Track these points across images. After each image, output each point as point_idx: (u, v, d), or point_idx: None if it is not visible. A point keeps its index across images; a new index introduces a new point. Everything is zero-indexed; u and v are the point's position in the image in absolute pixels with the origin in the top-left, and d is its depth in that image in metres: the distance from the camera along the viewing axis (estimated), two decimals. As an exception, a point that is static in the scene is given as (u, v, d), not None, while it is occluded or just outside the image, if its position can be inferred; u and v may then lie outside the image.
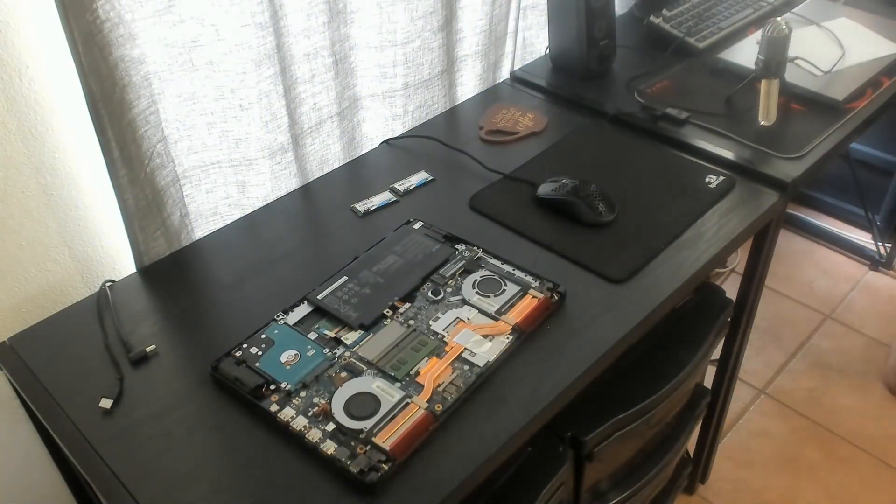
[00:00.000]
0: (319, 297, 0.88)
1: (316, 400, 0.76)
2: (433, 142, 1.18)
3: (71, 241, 0.94)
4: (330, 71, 1.08)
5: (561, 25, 1.32)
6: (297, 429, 0.73)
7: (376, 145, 1.20)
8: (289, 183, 1.11)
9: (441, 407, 0.75)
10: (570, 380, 0.80)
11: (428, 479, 0.71)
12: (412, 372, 0.78)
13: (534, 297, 0.87)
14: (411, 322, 0.84)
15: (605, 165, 1.10)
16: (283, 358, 0.80)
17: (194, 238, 1.03)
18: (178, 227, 0.99)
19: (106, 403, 0.79)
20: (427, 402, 0.75)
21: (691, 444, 1.43)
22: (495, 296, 0.88)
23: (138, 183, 0.90)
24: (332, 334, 0.83)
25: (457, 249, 0.94)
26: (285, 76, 1.01)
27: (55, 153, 0.88)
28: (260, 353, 0.81)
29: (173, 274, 0.96)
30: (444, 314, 0.85)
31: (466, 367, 0.79)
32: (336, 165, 1.17)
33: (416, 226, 0.98)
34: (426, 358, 0.80)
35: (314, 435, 0.73)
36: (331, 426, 0.73)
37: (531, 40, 1.45)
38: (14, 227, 0.88)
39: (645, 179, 1.08)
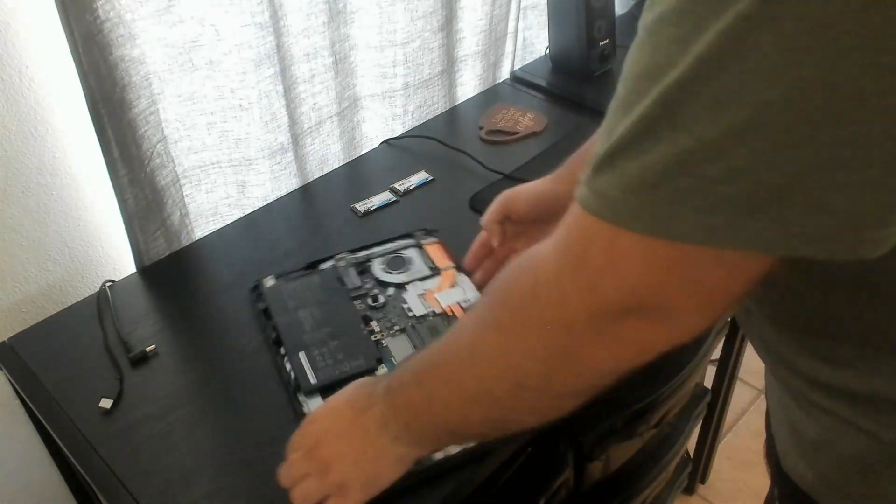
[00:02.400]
0: (317, 380, 0.78)
1: None
2: (433, 142, 1.18)
3: (71, 241, 0.94)
4: (330, 71, 1.08)
5: (561, 25, 1.32)
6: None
7: (376, 145, 1.20)
8: (289, 183, 1.11)
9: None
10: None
11: (429, 479, 0.71)
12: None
13: (427, 244, 0.93)
14: (400, 324, 0.84)
15: (605, 165, 1.10)
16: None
17: (194, 238, 1.03)
18: (178, 227, 0.99)
19: (106, 403, 0.79)
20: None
21: (691, 444, 1.43)
22: (408, 268, 0.91)
23: (138, 183, 0.90)
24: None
25: (327, 267, 0.92)
26: (285, 76, 1.01)
27: (55, 153, 0.88)
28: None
29: (173, 274, 0.96)
30: (407, 299, 0.87)
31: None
32: (336, 165, 1.17)
33: (269, 283, 0.91)
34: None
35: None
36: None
37: (531, 40, 1.45)
38: (14, 227, 0.88)
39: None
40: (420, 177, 1.11)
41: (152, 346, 0.85)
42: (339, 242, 1.00)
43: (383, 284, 0.89)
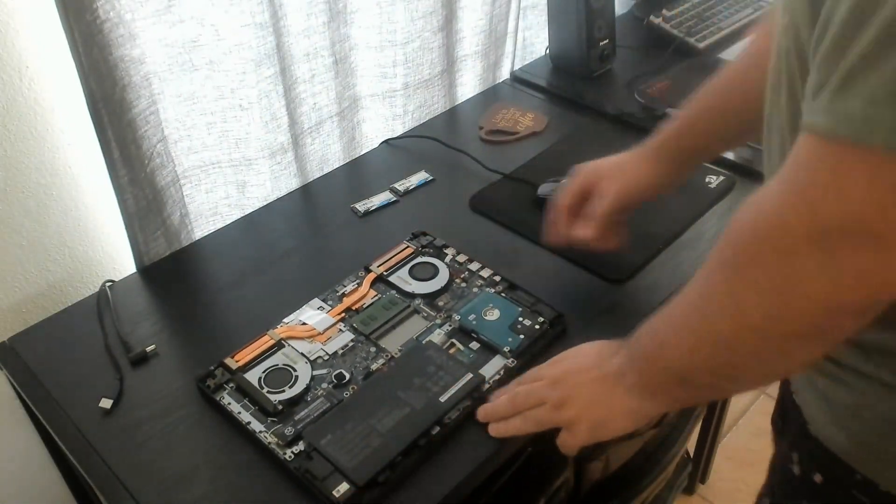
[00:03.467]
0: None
1: None
2: (433, 142, 1.18)
3: (71, 241, 0.94)
4: (330, 71, 1.08)
5: (561, 25, 1.32)
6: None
7: (376, 145, 1.20)
8: (289, 183, 1.11)
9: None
10: (570, 380, 0.80)
11: (428, 479, 0.71)
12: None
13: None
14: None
15: (606, 165, 1.10)
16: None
17: (194, 238, 1.03)
18: (178, 227, 0.99)
19: (106, 403, 0.79)
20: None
21: (691, 444, 1.43)
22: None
23: (138, 183, 0.90)
24: None
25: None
26: (285, 76, 1.01)
27: (55, 153, 0.88)
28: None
29: (173, 274, 0.96)
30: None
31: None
32: (336, 165, 1.17)
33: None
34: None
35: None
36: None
37: (531, 40, 1.45)
38: (14, 227, 0.88)
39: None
40: (420, 177, 1.11)
41: (152, 346, 0.85)
42: (340, 242, 1.00)
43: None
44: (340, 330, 0.85)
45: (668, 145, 0.82)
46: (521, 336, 0.82)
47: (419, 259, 0.93)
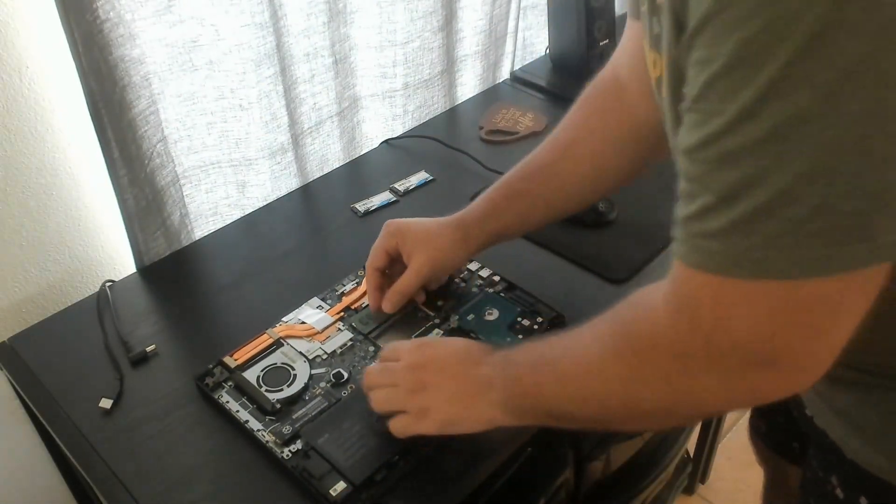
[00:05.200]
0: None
1: None
2: (433, 142, 1.18)
3: (71, 241, 0.94)
4: (330, 71, 1.08)
5: (561, 25, 1.32)
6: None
7: (376, 145, 1.20)
8: (289, 183, 1.11)
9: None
10: (569, 380, 0.80)
11: (426, 479, 0.71)
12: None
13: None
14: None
15: (605, 165, 1.10)
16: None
17: (194, 238, 1.03)
18: (178, 227, 0.99)
19: (106, 403, 0.79)
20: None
21: (691, 444, 1.43)
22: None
23: (138, 183, 0.90)
24: None
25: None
26: (285, 76, 1.01)
27: (55, 153, 0.88)
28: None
29: (173, 274, 0.96)
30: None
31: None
32: (336, 165, 1.17)
33: None
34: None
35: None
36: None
37: (531, 40, 1.45)
38: (14, 227, 0.88)
39: (645, 178, 1.07)
40: (420, 177, 1.11)
41: (152, 346, 0.85)
42: (340, 242, 1.00)
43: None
44: (339, 329, 0.85)
45: (476, 226, 0.81)
46: (521, 336, 0.82)
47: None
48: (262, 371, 0.79)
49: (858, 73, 0.34)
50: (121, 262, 1.00)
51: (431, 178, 1.11)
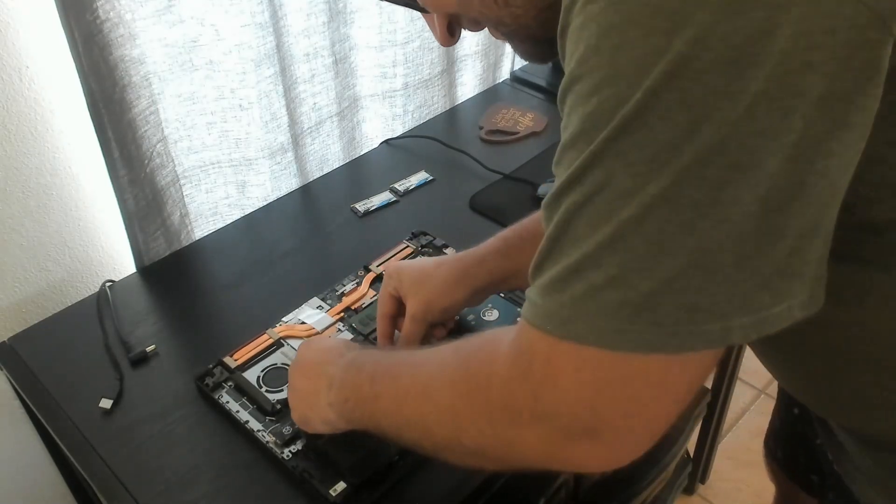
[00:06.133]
0: None
1: None
2: (433, 142, 1.18)
3: (71, 241, 0.94)
4: (330, 71, 1.08)
5: (561, 25, 1.32)
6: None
7: (376, 145, 1.20)
8: (289, 183, 1.11)
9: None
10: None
11: (426, 479, 0.71)
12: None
13: None
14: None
15: (605, 165, 1.10)
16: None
17: (194, 238, 1.03)
18: (178, 227, 0.99)
19: (106, 403, 0.79)
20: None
21: (691, 444, 1.43)
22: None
23: (138, 183, 0.90)
24: None
25: None
26: (285, 76, 1.01)
27: (55, 153, 0.88)
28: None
29: (173, 274, 0.96)
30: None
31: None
32: (336, 165, 1.17)
33: None
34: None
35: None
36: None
37: (531, 40, 1.45)
38: (14, 227, 0.88)
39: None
40: (420, 177, 1.11)
41: (152, 346, 0.85)
42: (340, 242, 1.00)
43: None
44: (339, 329, 0.85)
45: (478, 264, 0.78)
46: None
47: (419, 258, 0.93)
48: (262, 371, 0.79)
49: (662, 159, 0.36)
50: (121, 262, 1.00)
51: (431, 178, 1.11)
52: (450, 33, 0.60)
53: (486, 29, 0.59)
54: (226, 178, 1.04)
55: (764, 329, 0.39)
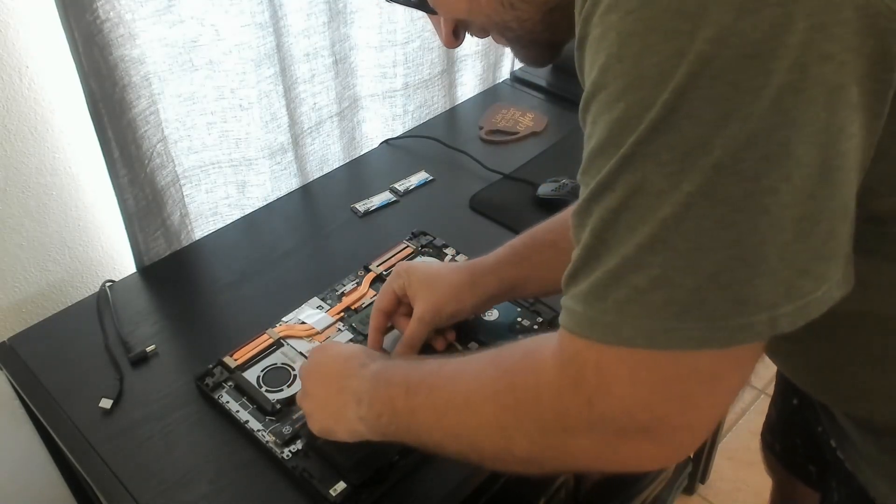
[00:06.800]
0: None
1: None
2: (433, 142, 1.18)
3: (71, 241, 0.94)
4: (330, 71, 1.08)
5: (561, 25, 1.32)
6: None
7: (376, 145, 1.20)
8: (289, 183, 1.11)
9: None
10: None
11: (426, 479, 0.71)
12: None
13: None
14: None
15: (605, 165, 1.10)
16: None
17: (194, 238, 1.03)
18: (178, 227, 0.99)
19: (106, 403, 0.79)
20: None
21: (691, 444, 1.43)
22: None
23: (138, 183, 0.90)
24: None
25: None
26: (285, 76, 1.01)
27: (55, 153, 0.88)
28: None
29: (173, 274, 0.96)
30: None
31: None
32: (336, 165, 1.17)
33: None
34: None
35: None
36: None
37: (531, 40, 1.45)
38: (14, 227, 0.88)
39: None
40: (420, 177, 1.11)
41: (152, 346, 0.85)
42: (340, 242, 1.00)
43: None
44: (339, 329, 0.85)
45: (488, 272, 0.78)
46: (521, 336, 0.82)
47: (419, 259, 0.93)
48: (262, 371, 0.79)
49: (696, 157, 0.37)
50: (121, 262, 1.00)
51: (431, 178, 1.11)
52: (455, 36, 0.60)
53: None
54: (226, 178, 1.04)
55: (809, 314, 0.40)
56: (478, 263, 0.78)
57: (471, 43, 1.27)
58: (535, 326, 0.83)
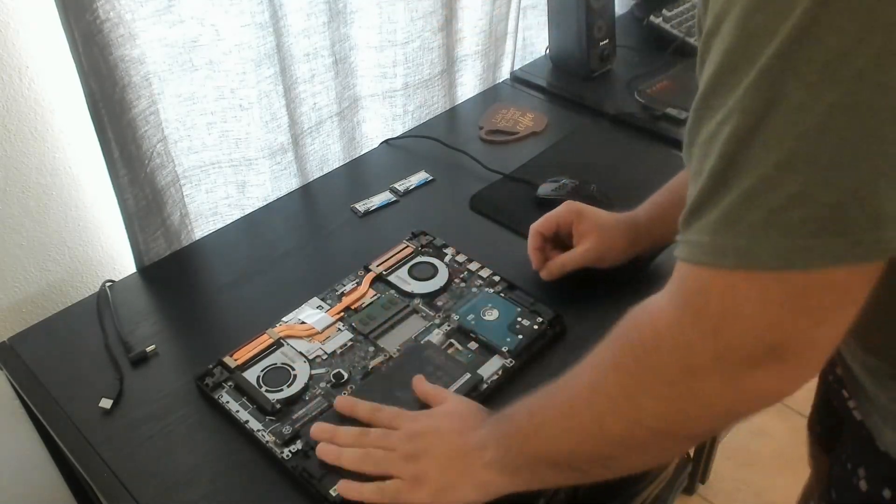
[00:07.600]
0: None
1: None
2: (433, 142, 1.18)
3: (71, 241, 0.94)
4: (330, 71, 1.08)
5: (561, 25, 1.32)
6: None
7: (376, 145, 1.20)
8: (289, 183, 1.11)
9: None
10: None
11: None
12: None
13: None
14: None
15: (605, 165, 1.10)
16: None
17: (194, 238, 1.03)
18: (178, 227, 0.99)
19: (106, 403, 0.79)
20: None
21: (691, 444, 1.43)
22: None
23: (138, 183, 0.90)
24: None
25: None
26: (285, 76, 1.01)
27: (55, 153, 0.88)
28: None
29: (173, 274, 0.96)
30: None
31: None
32: (336, 165, 1.17)
33: None
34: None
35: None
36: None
37: (531, 40, 1.45)
38: (14, 227, 0.88)
39: (645, 179, 1.07)
40: (420, 177, 1.11)
41: (152, 346, 0.85)
42: (340, 242, 1.00)
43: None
44: (339, 329, 0.85)
45: (645, 229, 0.85)
46: (520, 336, 0.82)
47: (418, 259, 0.93)
48: (262, 371, 0.79)
49: (837, 68, 0.36)
50: (121, 262, 1.00)
51: (431, 178, 1.11)
52: None
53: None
54: (226, 178, 1.04)
55: None
56: (638, 221, 0.85)
57: (471, 43, 1.27)
58: (535, 326, 0.83)
